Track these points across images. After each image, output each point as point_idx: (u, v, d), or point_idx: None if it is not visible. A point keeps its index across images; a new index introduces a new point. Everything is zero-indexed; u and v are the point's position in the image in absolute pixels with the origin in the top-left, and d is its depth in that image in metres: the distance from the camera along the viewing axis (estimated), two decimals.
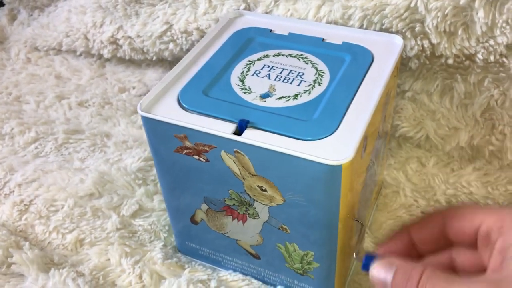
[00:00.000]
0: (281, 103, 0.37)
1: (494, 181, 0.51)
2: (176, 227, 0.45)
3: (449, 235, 0.32)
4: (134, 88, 0.67)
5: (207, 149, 0.36)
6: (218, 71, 0.40)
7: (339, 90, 0.37)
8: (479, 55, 0.44)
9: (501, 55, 0.43)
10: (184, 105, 0.37)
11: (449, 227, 0.32)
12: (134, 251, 0.45)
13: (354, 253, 0.36)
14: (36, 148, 0.58)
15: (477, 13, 0.41)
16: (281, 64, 0.40)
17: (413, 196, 0.51)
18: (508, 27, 0.40)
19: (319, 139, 0.33)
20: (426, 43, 0.45)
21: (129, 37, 0.63)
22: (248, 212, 0.39)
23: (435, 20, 0.42)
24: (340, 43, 0.42)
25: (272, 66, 0.40)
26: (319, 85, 0.38)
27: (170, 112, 0.37)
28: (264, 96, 0.37)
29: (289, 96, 0.37)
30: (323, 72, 0.39)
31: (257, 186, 0.36)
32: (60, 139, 0.59)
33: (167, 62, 0.66)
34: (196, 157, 0.37)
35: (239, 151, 0.34)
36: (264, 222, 0.39)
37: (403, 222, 0.47)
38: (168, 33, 0.59)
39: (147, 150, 0.56)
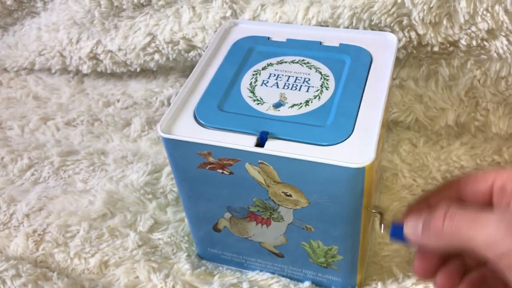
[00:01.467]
0: (295, 111, 0.40)
1: (481, 153, 0.56)
2: (197, 236, 0.48)
3: (466, 199, 0.35)
4: (119, 101, 0.68)
5: (231, 162, 0.38)
6: (227, 85, 0.42)
7: (346, 92, 0.40)
8: (462, 41, 0.48)
9: (482, 39, 0.47)
10: (203, 122, 0.39)
11: (465, 191, 0.34)
12: (161, 266, 0.47)
13: (381, 229, 0.38)
14: (33, 174, 0.59)
15: (459, 4, 0.45)
16: (286, 71, 0.43)
17: (411, 176, 0.55)
18: (488, 14, 0.45)
19: (337, 143, 0.37)
20: (413, 34, 0.48)
21: (110, 51, 0.64)
22: (273, 216, 0.42)
23: (421, 13, 0.46)
24: (337, 45, 0.45)
25: (278, 75, 0.43)
26: (327, 89, 0.41)
27: (190, 130, 0.39)
28: (277, 106, 0.40)
29: (300, 103, 0.40)
30: (327, 76, 0.42)
31: (282, 192, 0.39)
32: (56, 162, 0.59)
33: (150, 72, 0.67)
34: (220, 170, 0.39)
35: (264, 162, 0.37)
36: (289, 224, 0.42)
37: (409, 202, 0.52)
38: (153, 44, 0.60)
39: (149, 163, 0.58)
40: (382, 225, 0.38)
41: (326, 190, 0.37)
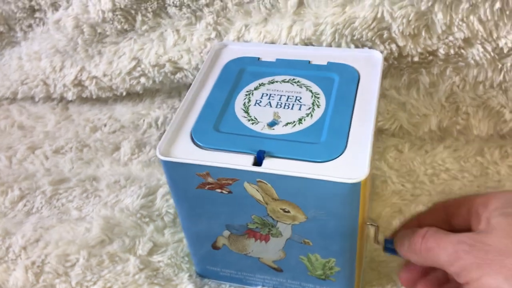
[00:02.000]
0: (289, 129, 0.41)
1: (464, 155, 0.59)
2: (196, 255, 0.49)
3: (451, 222, 0.40)
4: (106, 125, 0.69)
5: (230, 182, 0.40)
6: (221, 106, 0.44)
7: (337, 110, 0.42)
8: (441, 50, 0.51)
9: (459, 47, 0.50)
10: (200, 143, 0.41)
11: (450, 214, 0.40)
12: None
13: (376, 242, 0.42)
14: (25, 205, 0.59)
15: (436, 16, 0.47)
16: (277, 91, 0.45)
17: (399, 182, 0.57)
18: (464, 24, 0.47)
19: (332, 159, 0.38)
20: (393, 46, 0.51)
21: (95, 77, 0.65)
22: (271, 232, 0.43)
23: (400, 26, 0.49)
24: (325, 63, 0.47)
25: (270, 94, 0.45)
26: (318, 107, 0.43)
27: (188, 152, 0.40)
28: (271, 124, 0.42)
29: (294, 122, 0.42)
30: (318, 94, 0.44)
31: (280, 208, 0.40)
32: (48, 191, 0.60)
33: (135, 95, 0.68)
34: (219, 190, 0.41)
35: (262, 181, 0.39)
36: (287, 239, 0.43)
37: (400, 208, 0.54)
38: (138, 68, 0.61)
39: (142, 186, 0.58)
40: (378, 239, 0.43)
41: (323, 205, 0.39)
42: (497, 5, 0.46)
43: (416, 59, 0.52)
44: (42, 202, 0.59)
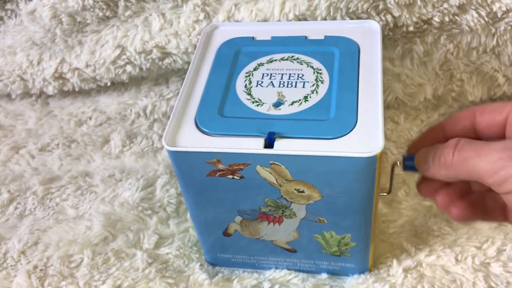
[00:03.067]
0: (295, 108, 0.41)
1: None
2: (206, 243, 0.49)
3: (480, 129, 0.37)
4: (91, 118, 0.68)
5: (242, 167, 0.40)
6: (222, 89, 0.43)
7: (342, 84, 0.42)
8: (436, 18, 0.51)
9: (454, 14, 0.51)
10: (206, 130, 0.40)
11: (480, 122, 0.37)
12: (177, 280, 0.48)
13: (398, 164, 0.41)
14: (16, 208, 0.58)
15: None
16: (278, 69, 0.45)
17: (399, 153, 0.58)
18: None
19: (344, 135, 0.39)
20: (389, 17, 0.51)
21: (77, 68, 0.63)
22: (285, 214, 0.43)
23: None
24: (322, 37, 0.47)
25: (271, 73, 0.44)
26: (322, 83, 0.43)
27: (195, 140, 0.40)
28: (277, 105, 0.42)
29: (300, 100, 0.42)
30: (320, 70, 0.44)
31: (295, 189, 0.41)
32: (40, 191, 0.59)
33: (120, 84, 0.67)
34: (230, 176, 0.41)
35: (275, 163, 0.39)
36: (301, 219, 0.44)
37: (403, 179, 0.55)
38: (123, 56, 0.60)
39: (139, 178, 0.58)
40: (398, 163, 0.41)
41: (339, 182, 0.39)
42: None
43: (411, 28, 0.52)
44: (35, 203, 0.58)
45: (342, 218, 0.43)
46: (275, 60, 0.46)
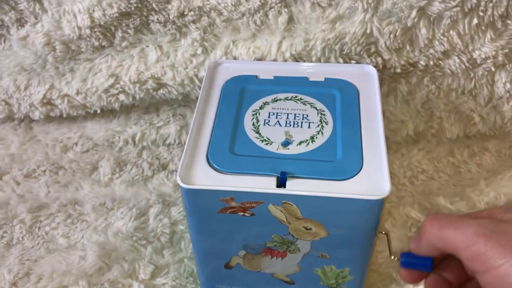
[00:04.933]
0: (303, 148, 0.43)
1: (436, 156, 0.63)
2: (205, 273, 0.49)
3: None
4: (77, 144, 0.66)
5: (254, 205, 0.40)
6: (231, 127, 0.44)
7: (345, 126, 0.44)
8: (421, 62, 0.54)
9: (438, 59, 0.54)
10: (219, 168, 0.41)
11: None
12: None
13: (392, 257, 0.43)
14: (3, 237, 0.56)
15: (420, 31, 0.50)
16: (283, 109, 0.46)
17: None
18: (445, 38, 0.51)
19: (352, 176, 0.40)
20: (379, 60, 0.53)
21: (67, 95, 0.62)
22: (289, 249, 0.44)
23: (387, 41, 0.51)
24: (323, 79, 0.48)
25: (277, 113, 0.45)
26: (326, 124, 0.44)
27: (209, 178, 0.40)
28: (285, 144, 0.43)
29: (307, 140, 0.43)
30: (323, 111, 0.45)
31: (303, 227, 0.42)
32: (28, 219, 0.57)
33: (108, 111, 0.65)
34: (241, 213, 0.41)
35: (288, 202, 0.40)
36: (305, 254, 0.45)
37: (388, 211, 0.57)
38: (117, 86, 0.59)
39: (132, 207, 0.57)
40: (392, 250, 0.43)
41: (346, 220, 0.40)
42: (475, 20, 0.50)
43: (398, 70, 0.55)
44: (23, 231, 0.56)
45: (343, 254, 0.44)
46: (280, 100, 0.47)
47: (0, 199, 0.60)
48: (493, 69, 0.55)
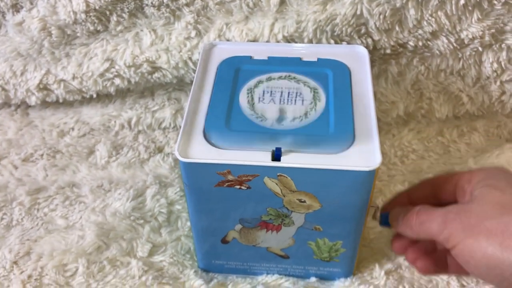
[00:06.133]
0: (297, 123, 0.44)
1: (426, 136, 0.65)
2: (202, 250, 0.50)
3: (439, 196, 0.44)
4: (73, 129, 0.67)
5: (250, 178, 0.41)
6: (227, 104, 0.45)
7: (338, 103, 0.45)
8: (411, 43, 0.55)
9: (427, 40, 0.55)
10: (216, 143, 0.42)
11: (438, 190, 0.44)
12: (175, 286, 0.49)
13: (373, 217, 0.46)
14: (2, 219, 0.57)
15: (409, 11, 0.52)
16: (277, 87, 0.47)
17: None
18: (432, 19, 0.52)
19: (345, 149, 0.41)
20: (369, 41, 0.55)
21: (63, 80, 0.63)
22: (284, 222, 0.45)
23: (377, 22, 0.52)
24: (315, 59, 0.49)
25: (271, 91, 0.46)
26: (319, 101, 0.45)
27: (206, 152, 0.41)
28: (280, 120, 0.44)
29: (300, 116, 0.44)
30: (316, 89, 0.47)
31: (297, 199, 0.43)
32: (27, 202, 0.58)
33: (104, 96, 0.66)
34: (238, 186, 0.42)
35: (283, 174, 0.41)
36: (299, 227, 0.46)
37: (380, 189, 0.58)
38: (112, 70, 0.60)
39: (129, 188, 0.58)
40: (376, 216, 0.46)
41: (338, 193, 0.42)
42: (462, 1, 0.51)
43: (388, 51, 0.56)
44: (22, 213, 0.57)
45: (336, 226, 0.45)
46: (274, 79, 0.48)
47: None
48: (480, 49, 0.56)
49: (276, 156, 0.41)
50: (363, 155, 0.41)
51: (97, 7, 0.56)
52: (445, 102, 0.62)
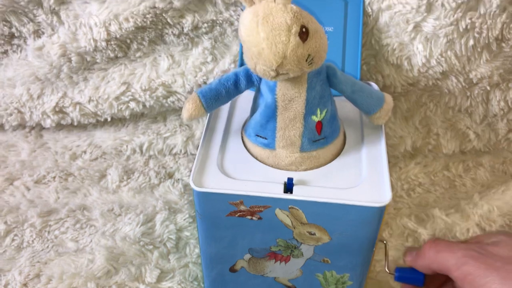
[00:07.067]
0: None
1: (433, 170, 0.66)
2: (210, 277, 0.51)
3: None
4: (85, 152, 0.68)
5: (262, 209, 0.42)
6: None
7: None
8: (421, 83, 0.57)
9: (436, 79, 0.56)
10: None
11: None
12: None
13: (387, 270, 0.46)
14: (13, 240, 0.57)
15: (417, 48, 0.53)
16: None
17: None
18: (443, 58, 0.54)
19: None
20: (379, 77, 0.56)
21: (78, 103, 0.64)
22: (293, 253, 0.46)
23: (386, 53, 0.54)
24: None
25: None
26: None
27: (220, 182, 0.43)
28: None
29: None
30: None
31: (307, 232, 0.44)
32: (38, 224, 0.58)
33: (117, 120, 0.68)
34: (249, 217, 0.43)
35: (294, 207, 0.42)
36: (307, 259, 0.47)
37: (386, 221, 0.59)
38: (128, 93, 0.61)
39: (139, 213, 0.59)
40: (387, 269, 0.47)
41: (348, 226, 0.43)
42: (471, 42, 0.53)
43: (399, 90, 0.58)
44: (33, 235, 0.57)
45: (344, 259, 0.46)
46: None
47: (11, 204, 0.61)
48: (488, 88, 0.58)
49: (288, 186, 0.42)
50: (374, 191, 0.42)
51: (118, 36, 0.57)
52: (452, 138, 0.63)
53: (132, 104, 0.62)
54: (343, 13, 0.51)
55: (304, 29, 0.37)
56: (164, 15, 0.56)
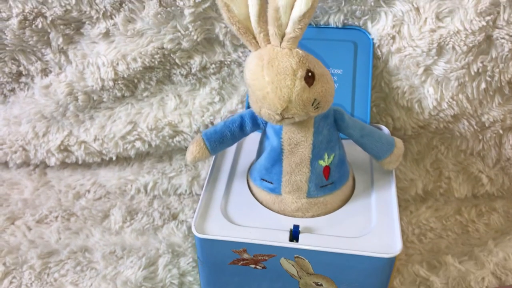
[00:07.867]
0: None
1: (444, 215, 0.64)
2: None
3: None
4: (89, 191, 0.67)
5: (266, 258, 0.41)
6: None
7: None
8: (432, 126, 0.55)
9: (448, 122, 0.55)
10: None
11: None
12: None
13: None
14: (12, 282, 0.56)
15: (428, 91, 0.52)
16: None
17: None
18: (454, 102, 0.53)
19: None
20: (389, 119, 0.55)
21: (84, 141, 0.63)
22: None
23: (396, 96, 0.53)
24: None
25: None
26: None
27: (223, 228, 0.41)
28: None
29: None
30: None
31: (313, 282, 0.42)
32: (37, 265, 0.57)
33: (122, 159, 0.67)
34: (253, 266, 0.41)
35: (300, 256, 0.40)
36: None
37: (397, 268, 0.57)
38: (134, 132, 0.61)
39: (141, 256, 0.57)
40: None
41: (357, 277, 0.41)
42: (483, 85, 0.52)
43: (409, 132, 0.56)
44: (32, 277, 0.56)
45: None
46: None
47: (11, 244, 0.60)
48: (501, 131, 0.57)
49: (294, 234, 0.41)
50: (383, 240, 0.40)
51: (125, 75, 0.57)
52: (464, 182, 0.62)
53: (138, 144, 0.62)
54: (352, 56, 0.51)
55: (310, 73, 0.36)
56: (172, 55, 0.56)
